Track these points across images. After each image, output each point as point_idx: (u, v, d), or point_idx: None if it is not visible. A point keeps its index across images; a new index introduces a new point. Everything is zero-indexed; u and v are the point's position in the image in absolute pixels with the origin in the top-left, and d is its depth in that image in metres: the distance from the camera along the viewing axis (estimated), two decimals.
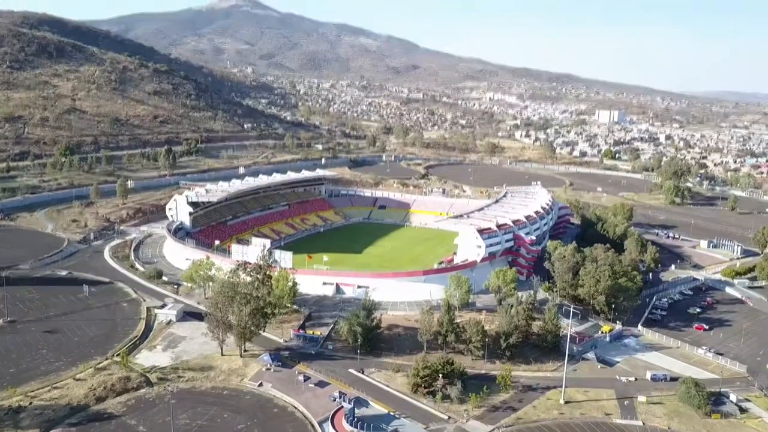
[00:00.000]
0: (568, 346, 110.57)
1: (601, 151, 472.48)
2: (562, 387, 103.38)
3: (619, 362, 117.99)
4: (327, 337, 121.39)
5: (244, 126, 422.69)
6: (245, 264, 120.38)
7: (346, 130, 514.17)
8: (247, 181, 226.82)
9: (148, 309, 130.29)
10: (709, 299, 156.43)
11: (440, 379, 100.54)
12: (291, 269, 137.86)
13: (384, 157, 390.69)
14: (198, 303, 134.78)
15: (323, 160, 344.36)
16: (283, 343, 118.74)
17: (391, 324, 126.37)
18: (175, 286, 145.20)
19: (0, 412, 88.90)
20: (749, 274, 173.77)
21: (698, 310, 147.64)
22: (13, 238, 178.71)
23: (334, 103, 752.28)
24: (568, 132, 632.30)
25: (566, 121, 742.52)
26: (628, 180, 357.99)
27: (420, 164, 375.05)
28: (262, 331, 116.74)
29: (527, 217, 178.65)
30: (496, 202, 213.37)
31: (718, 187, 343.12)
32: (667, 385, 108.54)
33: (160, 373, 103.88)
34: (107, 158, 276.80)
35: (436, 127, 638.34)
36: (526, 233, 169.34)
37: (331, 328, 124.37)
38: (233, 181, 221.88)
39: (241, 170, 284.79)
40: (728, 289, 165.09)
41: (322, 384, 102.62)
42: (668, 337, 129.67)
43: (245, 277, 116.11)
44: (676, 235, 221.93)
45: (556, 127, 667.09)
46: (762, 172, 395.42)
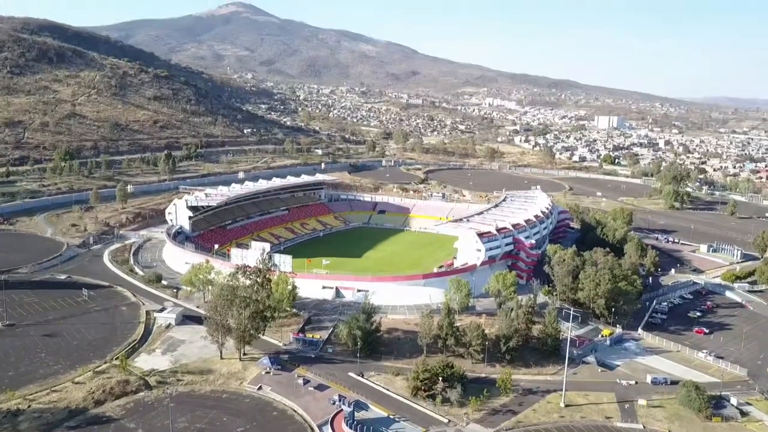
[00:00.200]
0: (569, 349, 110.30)
1: (601, 156, 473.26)
2: (562, 390, 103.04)
3: (619, 366, 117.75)
4: (326, 340, 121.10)
5: (244, 131, 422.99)
6: (244, 267, 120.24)
7: (346, 135, 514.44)
8: (246, 186, 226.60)
9: (148, 313, 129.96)
10: (709, 303, 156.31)
11: (440, 383, 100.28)
12: (290, 273, 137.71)
13: (384, 162, 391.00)
14: (197, 307, 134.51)
15: (323, 165, 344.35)
16: (283, 346, 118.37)
17: (391, 328, 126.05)
18: (175, 290, 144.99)
19: None
20: (749, 278, 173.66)
21: (698, 314, 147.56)
22: (12, 243, 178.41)
23: (334, 109, 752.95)
24: (568, 137, 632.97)
25: (565, 127, 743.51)
26: (627, 185, 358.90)
27: (419, 169, 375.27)
28: (262, 334, 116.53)
29: (527, 221, 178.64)
30: (496, 206, 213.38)
31: (717, 192, 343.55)
32: (667, 389, 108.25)
33: (159, 377, 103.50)
34: (107, 163, 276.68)
35: (435, 133, 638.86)
36: (525, 237, 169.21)
37: (330, 331, 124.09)
38: (233, 186, 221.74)
39: (241, 175, 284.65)
40: (728, 293, 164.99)
41: (321, 387, 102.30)
42: (668, 340, 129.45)
43: (244, 280, 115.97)
44: (676, 240, 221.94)
45: (556, 133, 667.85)
46: (761, 177, 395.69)
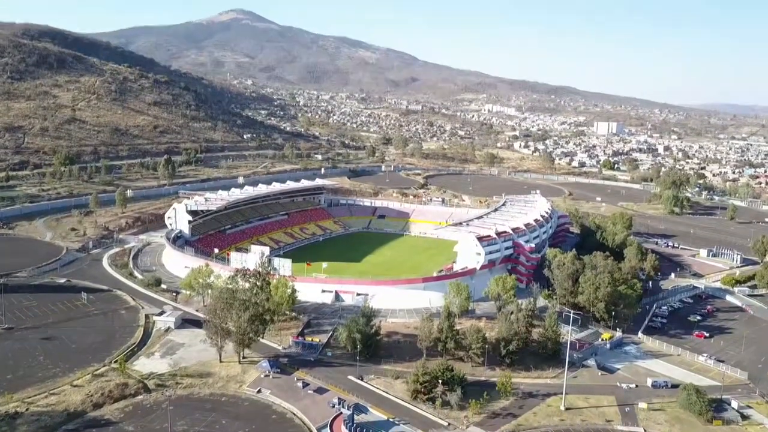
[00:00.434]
0: (569, 352, 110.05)
1: (600, 162, 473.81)
2: (562, 394, 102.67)
3: (619, 369, 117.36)
4: (326, 344, 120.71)
5: (244, 136, 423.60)
6: (244, 270, 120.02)
7: (346, 141, 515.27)
8: (246, 191, 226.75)
9: (147, 316, 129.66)
10: (709, 307, 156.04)
11: (440, 386, 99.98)
12: (290, 276, 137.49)
13: (383, 167, 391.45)
14: (197, 310, 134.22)
15: (322, 170, 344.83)
16: (282, 350, 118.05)
17: (391, 331, 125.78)
18: (174, 294, 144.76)
19: None
20: (749, 283, 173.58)
21: (698, 318, 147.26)
22: (11, 247, 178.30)
23: (334, 115, 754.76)
24: (567, 143, 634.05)
25: (565, 133, 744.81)
26: (627, 190, 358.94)
27: (419, 174, 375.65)
28: (261, 338, 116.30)
29: (526, 225, 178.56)
30: (496, 210, 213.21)
31: (717, 197, 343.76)
32: (668, 392, 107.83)
33: (158, 380, 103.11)
34: (107, 168, 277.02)
35: (435, 138, 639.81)
36: (525, 241, 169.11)
37: (330, 335, 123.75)
38: (232, 191, 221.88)
39: (241, 180, 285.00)
40: (728, 297, 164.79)
41: (321, 390, 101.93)
42: (669, 344, 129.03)
43: (243, 283, 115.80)
44: (676, 244, 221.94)
45: (555, 138, 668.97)
46: (761, 182, 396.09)
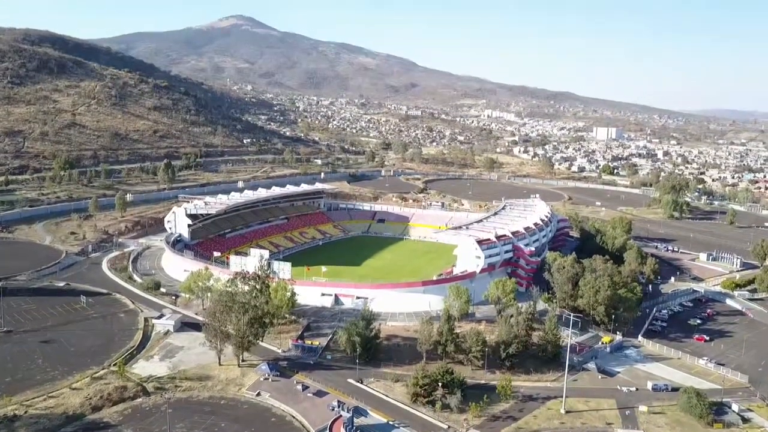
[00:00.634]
0: (569, 356, 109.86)
1: (599, 167, 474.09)
2: (562, 397, 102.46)
3: (619, 372, 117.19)
4: (326, 347, 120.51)
5: (244, 141, 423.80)
6: (243, 273, 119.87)
7: (345, 146, 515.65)
8: (246, 195, 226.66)
9: (146, 319, 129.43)
10: (709, 311, 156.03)
11: (440, 389, 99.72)
12: (290, 280, 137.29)
13: (383, 172, 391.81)
14: (196, 314, 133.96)
15: (322, 175, 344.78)
16: (282, 353, 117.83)
17: (390, 335, 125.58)
18: (173, 297, 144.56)
19: None
20: (749, 286, 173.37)
21: (699, 322, 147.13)
22: (10, 250, 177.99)
23: (333, 120, 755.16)
24: (567, 148, 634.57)
25: (564, 138, 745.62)
26: (626, 195, 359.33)
27: (419, 179, 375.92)
28: (260, 341, 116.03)
29: (526, 229, 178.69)
30: (495, 214, 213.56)
31: (716, 202, 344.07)
32: (668, 395, 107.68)
33: (157, 383, 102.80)
34: (106, 172, 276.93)
35: (434, 143, 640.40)
36: (525, 244, 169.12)
37: (329, 338, 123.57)
38: (232, 194, 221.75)
39: (240, 184, 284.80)
40: (728, 301, 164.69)
41: (320, 393, 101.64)
42: (669, 347, 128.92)
43: (243, 286, 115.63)
44: (676, 248, 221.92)
45: (555, 143, 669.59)
46: (760, 187, 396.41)
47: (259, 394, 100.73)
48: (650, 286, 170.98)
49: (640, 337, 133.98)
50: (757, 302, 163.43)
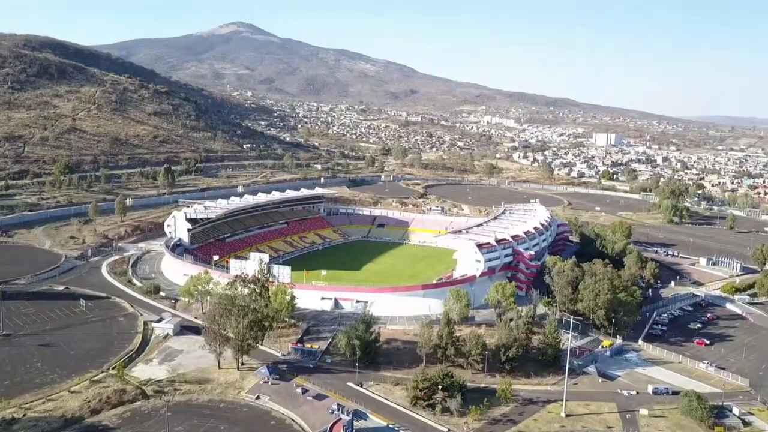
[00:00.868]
0: (569, 359, 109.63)
1: (599, 172, 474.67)
2: (562, 400, 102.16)
3: (620, 376, 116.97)
4: (325, 350, 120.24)
5: (244, 146, 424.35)
6: (243, 277, 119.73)
7: (345, 151, 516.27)
8: (245, 199, 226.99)
9: (145, 323, 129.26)
10: (709, 315, 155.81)
11: (440, 392, 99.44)
12: (289, 284, 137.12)
13: (383, 177, 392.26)
14: (195, 317, 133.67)
15: (322, 180, 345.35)
16: (281, 356, 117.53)
17: (390, 338, 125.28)
18: (173, 301, 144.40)
19: None
20: (749, 291, 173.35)
21: (699, 326, 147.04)
22: (10, 254, 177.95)
23: (333, 126, 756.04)
24: (566, 153, 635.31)
25: (564, 144, 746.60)
26: (626, 200, 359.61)
27: (418, 184, 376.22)
28: (260, 344, 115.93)
29: (526, 233, 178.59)
30: (495, 218, 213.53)
31: (716, 207, 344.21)
32: (669, 399, 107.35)
33: (156, 386, 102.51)
34: (106, 177, 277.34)
35: (434, 149, 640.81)
36: (525, 248, 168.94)
37: (329, 341, 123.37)
38: (232, 199, 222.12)
39: (240, 189, 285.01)
40: (729, 305, 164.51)
41: (320, 396, 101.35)
42: (669, 351, 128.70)
43: (242, 289, 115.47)
44: (675, 253, 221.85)
45: (554, 149, 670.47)
46: (759, 192, 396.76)
47: (258, 398, 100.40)
48: (650, 291, 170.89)
49: (641, 341, 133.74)
50: (757, 306, 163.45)
